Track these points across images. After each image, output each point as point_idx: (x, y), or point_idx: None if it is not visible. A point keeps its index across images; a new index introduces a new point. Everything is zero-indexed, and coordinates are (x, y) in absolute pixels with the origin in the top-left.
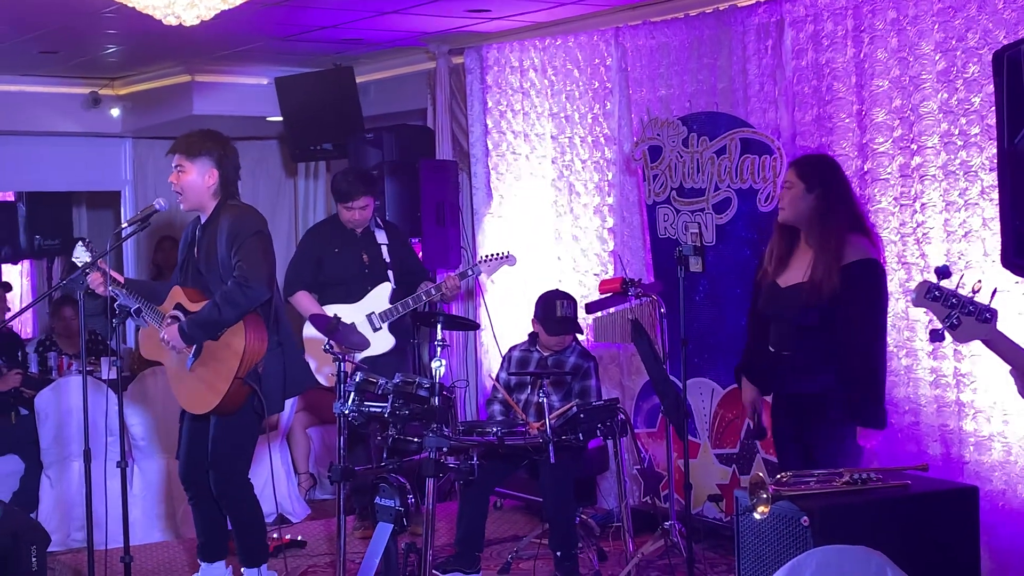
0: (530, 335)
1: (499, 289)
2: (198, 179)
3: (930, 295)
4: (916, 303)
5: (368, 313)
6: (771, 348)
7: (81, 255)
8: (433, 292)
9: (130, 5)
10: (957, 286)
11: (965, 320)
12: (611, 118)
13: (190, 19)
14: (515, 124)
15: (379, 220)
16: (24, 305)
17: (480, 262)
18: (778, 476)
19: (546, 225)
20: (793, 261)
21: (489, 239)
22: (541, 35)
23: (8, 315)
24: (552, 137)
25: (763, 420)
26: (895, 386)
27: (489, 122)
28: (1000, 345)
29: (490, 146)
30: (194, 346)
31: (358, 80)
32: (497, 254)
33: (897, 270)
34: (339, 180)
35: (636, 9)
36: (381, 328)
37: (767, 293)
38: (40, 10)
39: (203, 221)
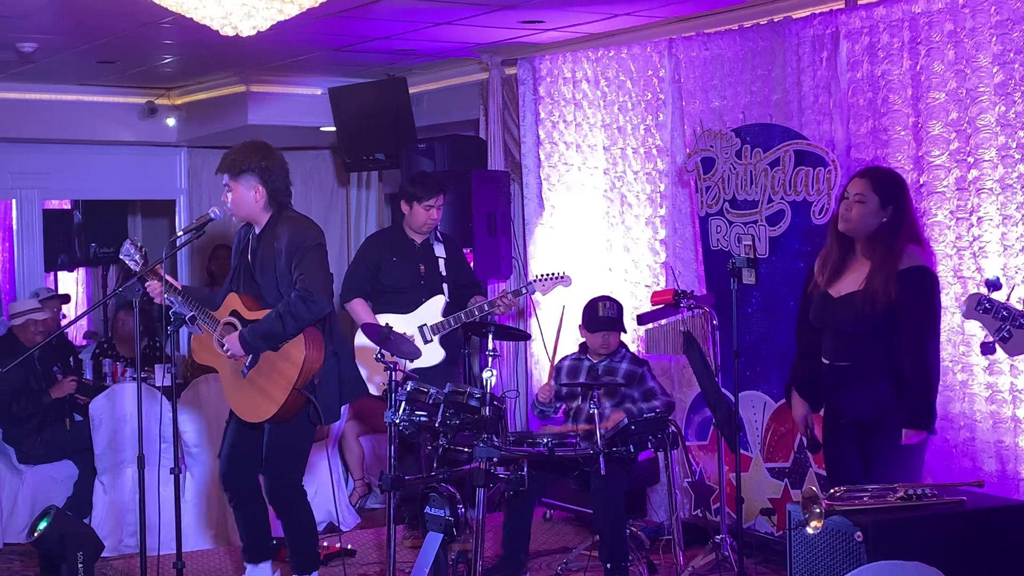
0: (580, 344)
1: (550, 300)
2: (246, 195)
3: (980, 307)
4: (966, 315)
5: (420, 325)
6: (824, 360)
7: (130, 253)
8: (487, 308)
9: (188, 16)
10: (1008, 298)
11: (1016, 333)
12: (664, 129)
13: (247, 30)
14: (567, 135)
15: (438, 233)
16: (79, 312)
17: (534, 281)
18: (831, 491)
19: (597, 236)
20: (847, 272)
21: (540, 250)
22: (594, 46)
23: (63, 323)
24: (604, 148)
25: (815, 433)
26: (950, 401)
27: (541, 133)
28: None
29: (542, 157)
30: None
31: (411, 90)
32: (552, 274)
33: (953, 284)
34: (413, 182)
35: (689, 20)
36: (432, 341)
37: (819, 304)
38: (99, 20)
39: (258, 231)
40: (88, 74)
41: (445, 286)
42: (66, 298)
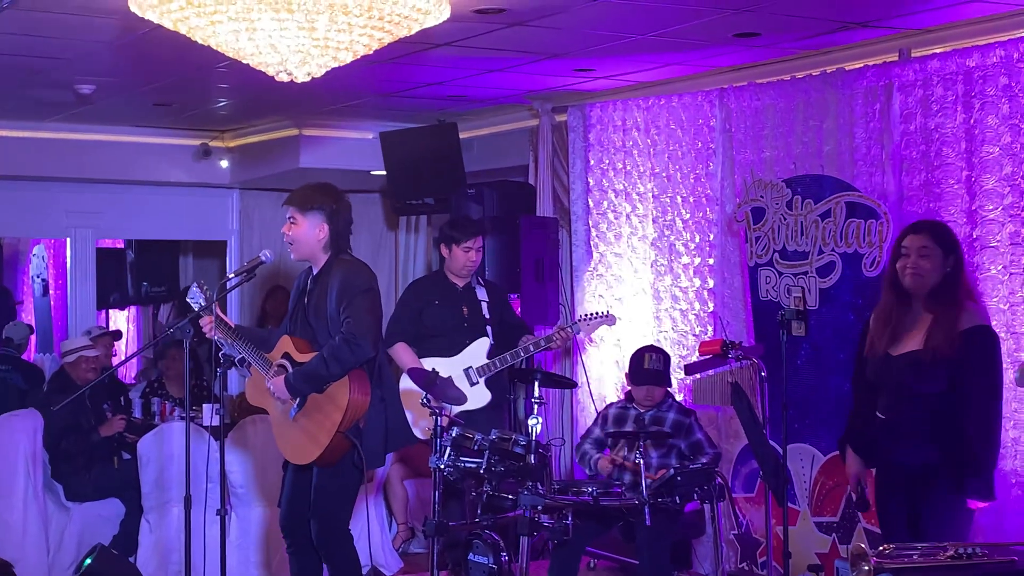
0: (626, 392)
1: (596, 348)
2: (309, 232)
3: None
4: (1019, 383)
5: (465, 367)
6: (880, 415)
7: (196, 296)
8: (543, 344)
9: (244, 61)
10: None
11: None
12: (714, 179)
13: (301, 76)
14: (617, 183)
15: (480, 279)
16: (129, 352)
17: (579, 320)
18: (880, 548)
19: (645, 284)
20: (906, 330)
21: (588, 297)
22: (645, 95)
23: (114, 361)
24: (654, 196)
25: (867, 492)
26: (1003, 458)
27: (591, 180)
28: None
29: (591, 204)
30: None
31: (461, 135)
32: (597, 313)
33: (1006, 339)
34: (452, 225)
35: (741, 70)
36: (478, 383)
37: (879, 361)
38: (156, 64)
39: (315, 272)
40: (144, 116)
41: (489, 328)
42: (117, 335)
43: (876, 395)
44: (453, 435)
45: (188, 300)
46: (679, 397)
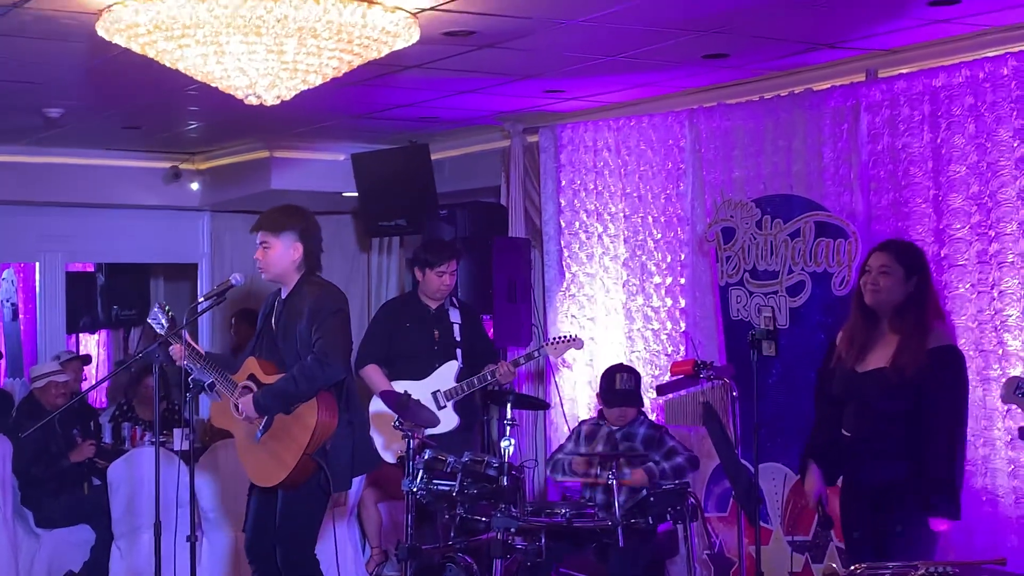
0: (598, 410)
1: (569, 369)
2: (283, 254)
3: (1020, 391)
4: (1005, 399)
5: (433, 391)
6: (845, 432)
7: (157, 317)
8: (488, 377)
9: (213, 85)
10: None
11: None
12: (684, 199)
13: (271, 99)
14: (588, 203)
15: (454, 300)
16: (100, 376)
17: (546, 344)
18: (852, 567)
19: (617, 304)
20: (873, 347)
21: (560, 317)
22: (615, 115)
23: (84, 386)
24: (625, 216)
25: (828, 510)
26: (972, 476)
27: (562, 200)
28: None
29: (563, 224)
30: (265, 418)
31: (433, 157)
32: (564, 336)
33: (975, 358)
34: (426, 248)
35: (710, 91)
36: (446, 406)
37: (844, 378)
38: (125, 87)
39: (284, 295)
40: (113, 139)
41: (459, 352)
42: (87, 359)
43: (840, 411)
44: (425, 457)
45: (149, 321)
46: (652, 417)
